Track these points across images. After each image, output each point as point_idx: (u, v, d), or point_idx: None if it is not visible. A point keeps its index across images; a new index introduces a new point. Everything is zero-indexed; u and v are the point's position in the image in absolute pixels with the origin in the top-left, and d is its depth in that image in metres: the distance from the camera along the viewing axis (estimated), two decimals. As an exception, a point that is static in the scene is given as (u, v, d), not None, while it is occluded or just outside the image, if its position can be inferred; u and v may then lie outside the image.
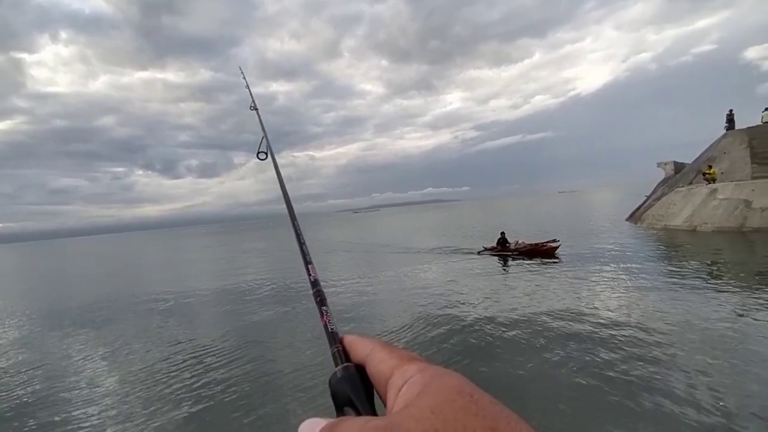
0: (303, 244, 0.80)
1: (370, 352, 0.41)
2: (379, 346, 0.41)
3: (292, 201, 0.99)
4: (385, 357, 0.41)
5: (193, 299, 15.44)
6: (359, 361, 0.42)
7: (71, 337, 11.35)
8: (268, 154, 1.33)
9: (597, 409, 5.13)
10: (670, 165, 30.22)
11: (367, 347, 0.42)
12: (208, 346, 9.12)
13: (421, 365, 0.41)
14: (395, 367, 0.41)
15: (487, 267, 16.58)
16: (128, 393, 7.06)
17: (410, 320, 9.59)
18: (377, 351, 0.41)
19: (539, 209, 66.07)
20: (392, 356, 0.41)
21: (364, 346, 0.42)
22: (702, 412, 4.79)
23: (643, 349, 6.72)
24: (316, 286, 0.65)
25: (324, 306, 0.57)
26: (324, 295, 0.61)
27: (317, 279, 0.67)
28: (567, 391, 5.58)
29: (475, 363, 6.79)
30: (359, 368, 0.41)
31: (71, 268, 40.41)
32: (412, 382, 0.41)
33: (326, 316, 0.53)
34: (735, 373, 5.67)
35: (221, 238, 73.10)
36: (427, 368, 0.41)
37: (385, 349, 0.41)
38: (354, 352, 0.43)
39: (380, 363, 0.41)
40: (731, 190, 20.36)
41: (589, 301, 9.86)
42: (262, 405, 6.04)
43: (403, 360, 0.41)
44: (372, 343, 0.42)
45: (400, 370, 0.41)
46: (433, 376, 0.41)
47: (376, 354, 0.41)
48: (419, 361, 0.41)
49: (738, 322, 7.66)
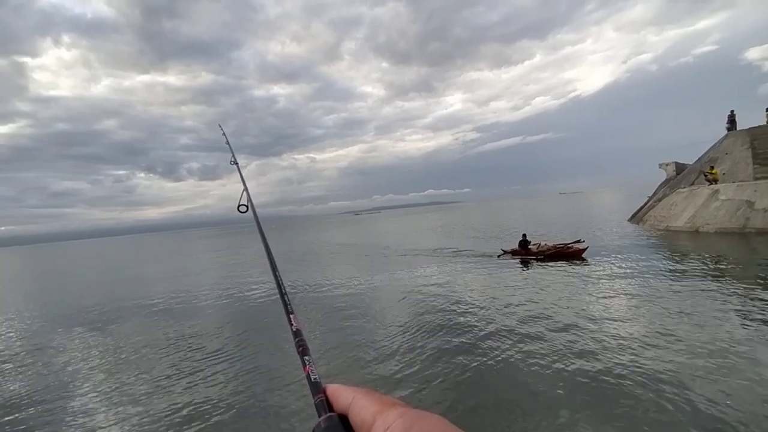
0: (285, 294, 0.77)
1: (353, 400, 0.42)
2: (360, 393, 0.42)
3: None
4: (366, 404, 0.42)
5: (191, 305, 15.45)
6: (342, 410, 0.43)
7: (71, 340, 11.38)
8: (249, 207, 1.35)
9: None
10: (671, 166, 30.17)
11: (349, 396, 0.43)
12: (188, 370, 8.69)
13: (402, 410, 0.42)
14: (377, 414, 0.42)
15: (509, 271, 15.75)
16: (118, 397, 7.07)
17: (433, 330, 9.01)
18: (359, 399, 0.42)
19: (541, 211, 65.99)
20: (373, 403, 0.42)
21: (347, 394, 0.43)
22: (705, 418, 4.77)
23: (649, 357, 6.68)
24: (298, 336, 0.63)
25: (306, 356, 0.57)
26: (306, 345, 0.60)
27: (299, 329, 0.65)
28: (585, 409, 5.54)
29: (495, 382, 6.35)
30: (342, 417, 0.43)
31: (74, 271, 40.51)
32: (393, 428, 0.42)
33: (309, 366, 0.53)
34: (740, 378, 5.64)
35: (224, 241, 73.16)
36: (408, 412, 0.42)
37: (366, 397, 0.42)
38: (336, 402, 0.44)
39: (362, 410, 0.42)
40: (733, 191, 20.31)
41: (622, 306, 9.57)
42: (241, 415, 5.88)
43: (384, 406, 0.42)
44: (354, 391, 0.43)
45: (382, 417, 0.42)
46: (414, 420, 0.42)
47: (357, 402, 0.42)
48: (401, 406, 0.42)
49: (743, 327, 7.60)
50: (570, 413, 5.11)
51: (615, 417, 4.96)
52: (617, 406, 5.17)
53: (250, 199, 1.36)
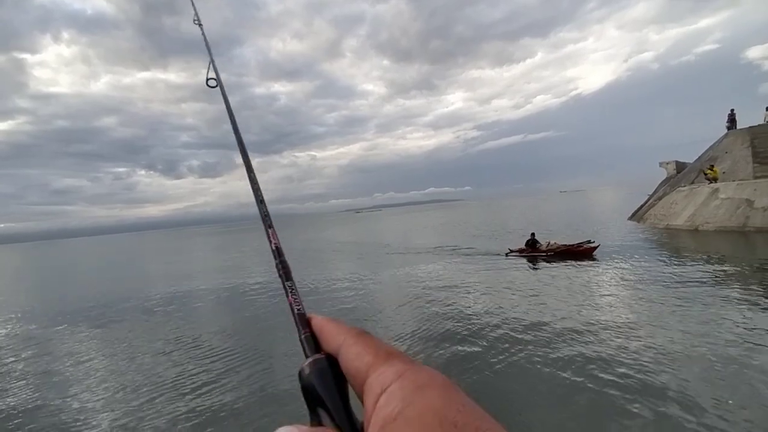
0: (262, 201, 0.66)
1: (343, 342, 0.37)
2: (352, 336, 0.37)
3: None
4: (359, 351, 0.36)
5: (192, 300, 15.52)
6: (331, 350, 0.38)
7: (73, 337, 11.44)
8: (217, 81, 1.04)
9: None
10: (672, 164, 30.17)
11: (340, 336, 0.38)
12: (193, 348, 9.17)
13: (400, 367, 0.36)
14: (371, 366, 0.36)
15: (517, 270, 15.41)
16: (116, 392, 7.12)
17: (439, 329, 8.90)
18: (351, 343, 0.36)
19: (542, 209, 66.01)
20: (368, 350, 0.36)
21: (337, 333, 0.38)
22: (705, 420, 4.79)
23: (647, 359, 6.69)
24: (279, 256, 0.54)
25: (288, 281, 0.49)
26: (288, 267, 0.51)
27: (279, 247, 0.55)
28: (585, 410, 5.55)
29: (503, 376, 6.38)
30: (331, 359, 0.37)
31: (75, 268, 40.58)
32: (390, 392, 0.36)
33: (291, 293, 0.47)
34: (740, 378, 5.67)
35: (224, 239, 73.17)
36: (406, 373, 0.36)
37: (359, 342, 0.36)
38: (325, 340, 0.39)
39: (355, 358, 0.36)
40: (733, 189, 20.32)
41: (631, 308, 9.33)
42: (238, 410, 5.97)
43: (379, 356, 0.36)
44: (346, 331, 0.38)
45: (377, 372, 0.36)
46: (413, 389, 0.36)
47: (350, 347, 0.36)
48: (397, 358, 0.36)
49: (742, 326, 7.61)
50: (571, 416, 5.15)
51: (618, 418, 5.01)
52: (622, 411, 5.20)
53: (218, 73, 1.04)
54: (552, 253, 17.04)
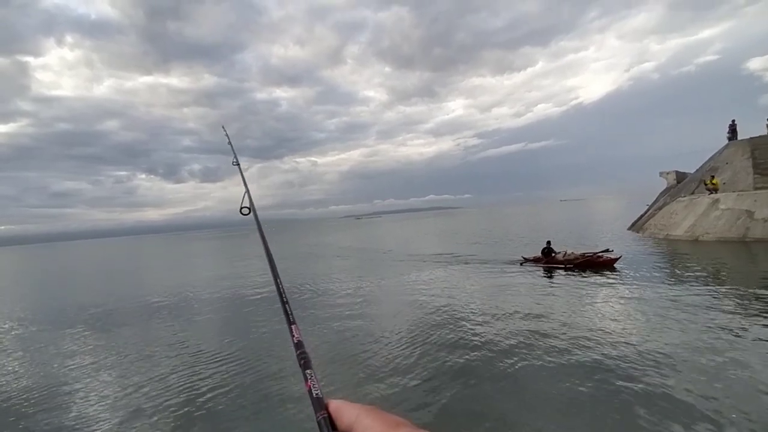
0: (286, 303, 0.74)
1: (357, 418, 0.41)
2: (365, 412, 0.41)
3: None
4: (370, 424, 0.40)
5: (191, 307, 15.45)
6: (345, 428, 0.41)
7: (70, 341, 11.37)
8: (251, 210, 1.28)
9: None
10: (672, 174, 30.24)
11: (353, 414, 0.41)
12: (187, 374, 8.87)
13: (406, 431, 0.40)
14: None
15: (533, 281, 14.61)
16: (119, 400, 7.06)
17: (448, 343, 8.49)
18: (363, 417, 0.40)
19: (542, 217, 66.03)
20: (378, 422, 0.40)
21: (351, 412, 0.41)
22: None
23: (644, 370, 6.65)
24: (300, 348, 0.60)
25: (308, 369, 0.54)
26: (308, 358, 0.57)
27: (301, 341, 0.62)
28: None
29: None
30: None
31: (74, 271, 40.51)
32: None
33: (311, 380, 0.50)
34: (738, 390, 5.66)
35: (224, 244, 73.16)
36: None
37: (371, 416, 0.40)
38: (340, 420, 0.42)
39: (366, 430, 0.40)
40: (733, 200, 20.34)
41: (659, 324, 8.71)
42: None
43: (389, 426, 0.40)
44: (358, 409, 0.41)
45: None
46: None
47: (362, 421, 0.40)
48: (405, 426, 0.40)
49: (742, 339, 7.59)
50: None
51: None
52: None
53: (252, 203, 1.31)
54: (571, 265, 16.12)
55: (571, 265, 16.11)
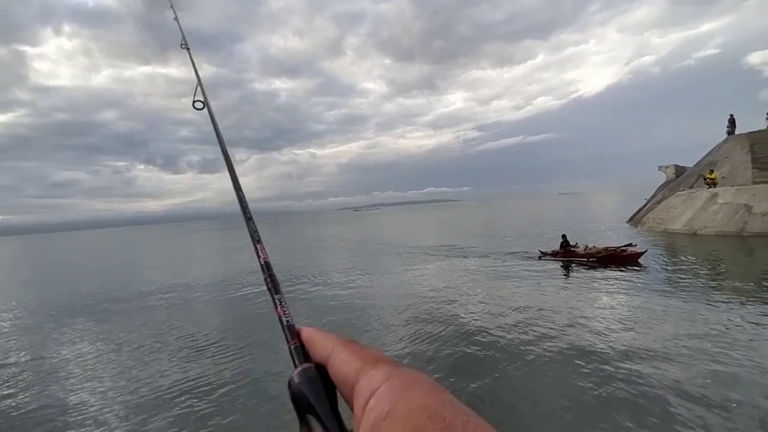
0: (250, 218, 0.68)
1: (332, 351, 0.38)
2: (341, 344, 0.39)
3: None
4: (348, 358, 0.37)
5: (191, 295, 15.52)
6: (320, 359, 0.39)
7: (67, 332, 11.42)
8: (204, 104, 1.06)
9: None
10: (671, 168, 30.24)
11: (328, 345, 0.39)
12: (180, 348, 8.99)
13: (388, 370, 0.37)
14: (360, 371, 0.37)
15: (553, 276, 13.94)
16: (118, 391, 7.11)
17: (459, 336, 8.19)
18: (340, 351, 0.38)
19: (542, 210, 66.12)
20: (356, 357, 0.37)
21: (326, 343, 0.40)
22: (703, 422, 4.82)
23: (645, 363, 6.70)
24: (268, 270, 0.56)
25: (278, 294, 0.50)
26: (277, 281, 0.53)
27: (267, 261, 0.57)
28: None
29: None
30: (320, 368, 0.39)
31: (72, 261, 40.51)
32: (380, 395, 0.37)
33: (281, 305, 0.48)
34: (737, 382, 5.72)
35: (222, 234, 73.07)
36: (394, 375, 0.37)
37: (348, 348, 0.38)
38: (314, 349, 0.40)
39: (344, 365, 0.37)
40: (732, 194, 20.38)
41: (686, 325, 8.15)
42: (225, 413, 5.84)
43: (368, 362, 0.37)
44: (334, 340, 0.40)
45: (366, 376, 0.37)
46: (402, 389, 0.37)
47: (338, 354, 0.38)
48: (386, 363, 0.37)
49: (740, 331, 7.63)
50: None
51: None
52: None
53: (205, 95, 1.07)
54: (594, 259, 15.40)
55: (593, 259, 15.45)
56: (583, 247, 16.47)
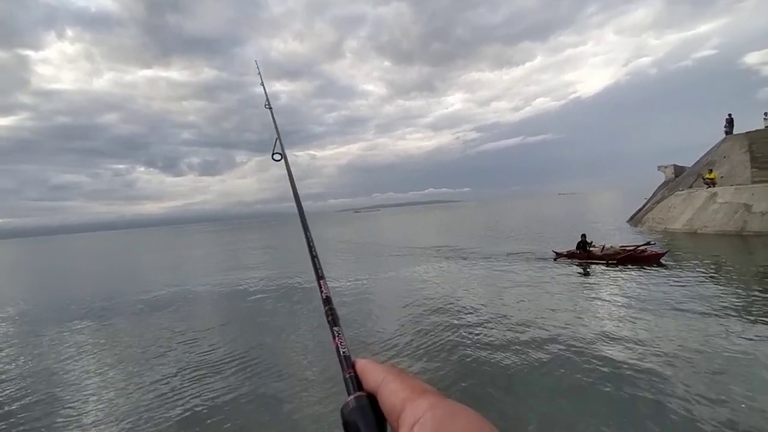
0: (315, 257, 0.74)
1: (383, 381, 0.41)
2: (391, 375, 0.41)
3: (292, 200, 0.97)
4: (396, 388, 0.40)
5: (198, 299, 15.53)
6: (371, 389, 0.41)
7: (69, 336, 11.44)
8: (282, 155, 1.26)
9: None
10: (670, 168, 30.28)
11: (379, 375, 0.41)
12: (210, 356, 8.55)
13: (433, 400, 0.40)
14: (406, 401, 0.40)
15: (570, 278, 13.41)
16: (121, 397, 7.12)
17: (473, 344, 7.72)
18: (389, 381, 0.40)
19: (542, 211, 66.11)
20: (404, 387, 0.40)
21: (377, 373, 0.41)
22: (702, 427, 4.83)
23: (643, 365, 6.70)
24: (328, 304, 0.60)
25: (336, 326, 0.54)
26: (336, 314, 0.57)
27: (329, 296, 0.62)
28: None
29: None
30: (371, 398, 0.41)
31: (74, 265, 40.53)
32: (423, 423, 0.40)
33: (338, 337, 0.51)
34: (737, 385, 5.73)
35: (226, 237, 73.03)
36: (439, 405, 0.39)
37: (397, 379, 0.40)
38: (366, 380, 0.42)
39: (392, 395, 0.40)
40: (731, 194, 20.42)
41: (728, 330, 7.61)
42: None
43: (414, 392, 0.40)
44: (384, 371, 0.41)
45: (412, 405, 0.40)
46: (445, 418, 0.40)
47: (388, 384, 0.40)
48: (431, 394, 0.40)
49: (741, 333, 7.62)
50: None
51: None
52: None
53: (283, 148, 1.26)
54: (614, 260, 14.90)
55: (614, 260, 14.92)
56: (600, 248, 15.90)
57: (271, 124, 1.49)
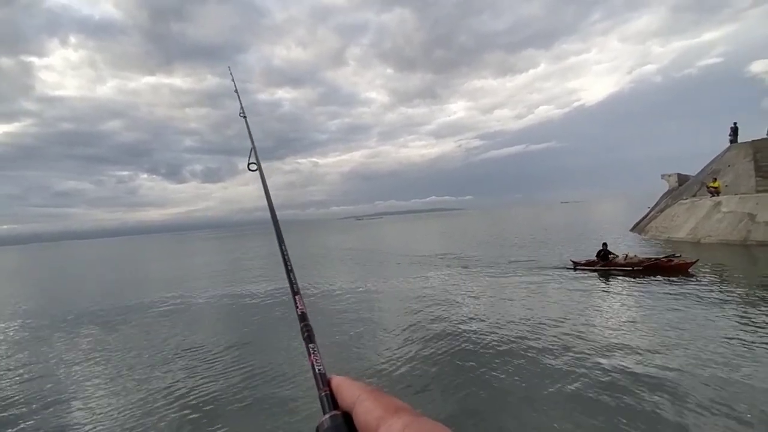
0: (291, 271, 0.73)
1: (357, 399, 0.41)
2: (366, 392, 0.41)
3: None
4: (371, 407, 0.40)
5: (192, 309, 15.50)
6: (347, 407, 0.41)
7: (72, 342, 11.45)
8: (258, 166, 1.25)
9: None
10: (674, 177, 30.21)
11: (354, 393, 0.41)
12: (193, 366, 8.57)
13: (407, 419, 0.40)
14: (381, 419, 0.40)
15: (590, 288, 12.77)
16: (116, 403, 7.10)
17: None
18: (364, 399, 0.40)
19: (545, 219, 65.89)
20: (379, 405, 0.40)
21: (353, 391, 0.42)
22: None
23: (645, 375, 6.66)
24: (303, 320, 0.59)
25: (312, 343, 0.53)
26: (312, 331, 0.56)
27: (305, 312, 0.61)
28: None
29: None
30: (347, 416, 0.41)
31: (77, 271, 40.63)
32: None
33: (314, 354, 0.50)
34: (738, 393, 5.66)
35: (227, 244, 73.16)
36: (412, 424, 0.40)
37: (371, 398, 0.40)
38: (341, 397, 0.42)
39: (366, 413, 0.40)
40: (735, 203, 20.31)
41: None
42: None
43: (388, 411, 0.40)
44: (360, 388, 0.41)
45: (386, 425, 0.40)
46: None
47: (363, 402, 0.40)
48: (406, 412, 0.40)
49: (744, 343, 7.56)
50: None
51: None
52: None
53: (257, 157, 1.26)
54: (640, 268, 14.28)
55: (639, 268, 14.32)
56: (622, 256, 15.31)
57: (251, 133, 1.47)
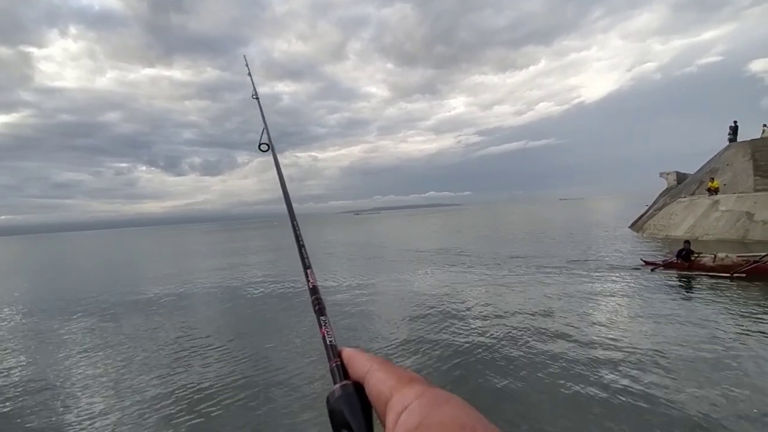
0: (302, 246, 0.75)
1: (369, 369, 0.41)
2: (377, 363, 0.41)
3: (292, 200, 0.96)
4: (383, 377, 0.40)
5: (193, 297, 15.51)
6: (358, 378, 0.42)
7: (68, 333, 11.41)
8: (269, 146, 1.27)
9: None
10: (672, 175, 30.24)
11: (366, 364, 0.42)
12: (200, 350, 8.72)
13: (420, 388, 0.40)
14: (394, 389, 0.40)
15: (672, 297, 10.62)
16: (119, 393, 7.10)
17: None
18: (376, 370, 0.40)
19: (543, 215, 66.02)
20: (391, 376, 0.40)
21: (363, 362, 0.42)
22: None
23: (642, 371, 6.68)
24: (315, 294, 0.61)
25: (323, 316, 0.54)
26: (323, 304, 0.58)
27: (316, 285, 0.63)
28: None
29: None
30: (357, 386, 0.41)
31: (75, 262, 40.56)
32: (411, 409, 0.40)
33: (325, 327, 0.51)
34: (735, 394, 5.68)
35: (228, 237, 73.00)
36: (426, 393, 0.40)
37: (383, 368, 0.40)
38: (352, 368, 0.43)
39: (379, 383, 0.40)
40: (733, 202, 20.36)
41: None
42: (257, 421, 5.56)
43: (402, 381, 0.40)
44: (371, 360, 0.42)
45: (399, 393, 0.40)
46: (433, 405, 0.40)
47: (375, 373, 0.40)
48: (419, 382, 0.40)
49: (740, 340, 7.59)
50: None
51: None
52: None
53: (270, 139, 1.29)
54: (743, 273, 11.70)
55: (743, 273, 11.71)
56: (711, 257, 13.09)
57: (260, 115, 1.50)
